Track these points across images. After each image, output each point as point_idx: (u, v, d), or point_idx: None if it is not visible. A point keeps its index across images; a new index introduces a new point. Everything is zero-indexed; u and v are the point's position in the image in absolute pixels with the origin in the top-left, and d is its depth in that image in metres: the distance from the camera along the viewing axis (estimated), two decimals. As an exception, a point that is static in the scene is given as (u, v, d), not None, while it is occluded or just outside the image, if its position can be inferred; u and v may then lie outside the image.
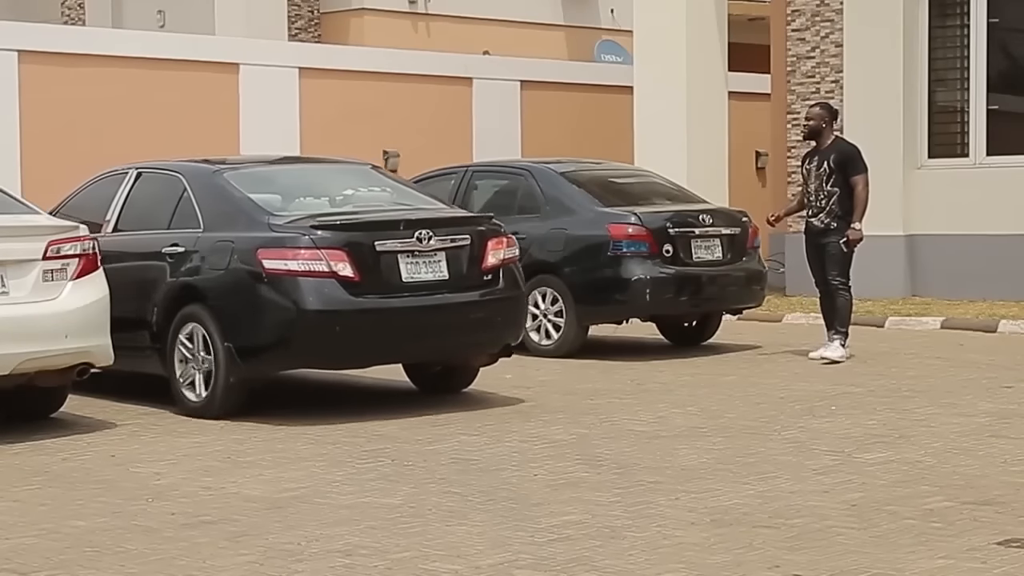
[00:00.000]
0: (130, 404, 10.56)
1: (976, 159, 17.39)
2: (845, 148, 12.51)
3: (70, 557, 6.23)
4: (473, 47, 24.28)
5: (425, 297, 9.69)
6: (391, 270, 9.57)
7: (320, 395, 11.15)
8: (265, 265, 9.39)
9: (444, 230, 9.85)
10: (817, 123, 12.55)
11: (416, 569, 5.94)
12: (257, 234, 9.60)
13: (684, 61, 18.39)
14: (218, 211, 10.04)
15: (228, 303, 9.61)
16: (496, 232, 10.21)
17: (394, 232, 9.66)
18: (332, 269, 9.32)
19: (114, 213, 10.86)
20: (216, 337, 9.56)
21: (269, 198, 10.14)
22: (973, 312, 15.64)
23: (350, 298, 9.38)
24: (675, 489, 7.32)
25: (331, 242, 9.40)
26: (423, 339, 9.78)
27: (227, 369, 9.54)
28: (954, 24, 17.57)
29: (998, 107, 17.33)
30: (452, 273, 9.80)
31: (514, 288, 10.22)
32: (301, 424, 9.43)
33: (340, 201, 10.53)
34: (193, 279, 9.85)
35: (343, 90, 19.89)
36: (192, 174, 10.53)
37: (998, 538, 6.26)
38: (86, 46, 17.90)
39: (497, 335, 10.20)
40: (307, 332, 9.37)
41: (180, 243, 10.02)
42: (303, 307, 9.30)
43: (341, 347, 9.52)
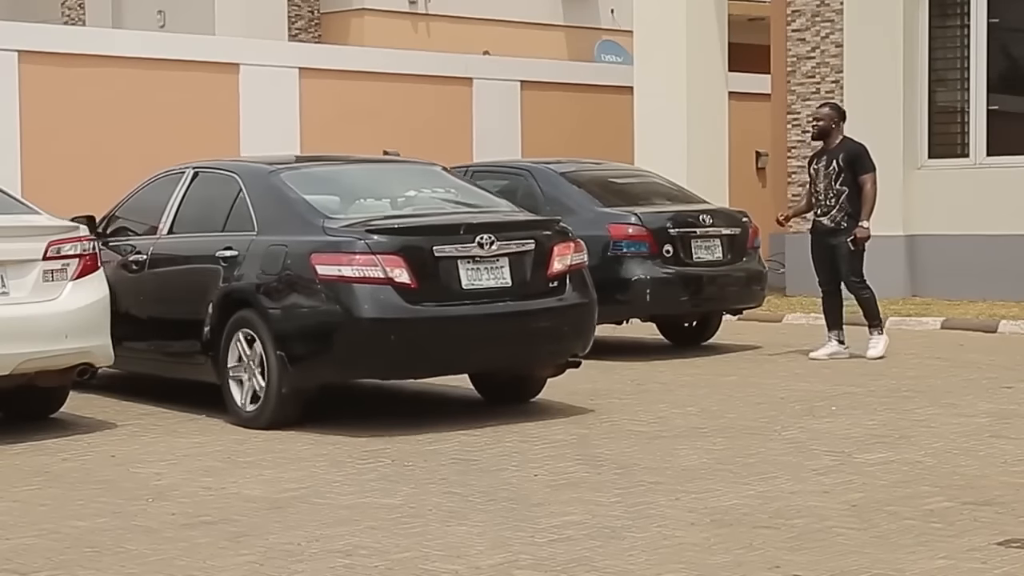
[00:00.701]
0: (130, 404, 10.56)
1: (976, 159, 17.40)
2: (853, 147, 12.53)
3: (70, 557, 6.23)
4: (473, 47, 24.28)
5: (486, 305, 9.21)
6: (450, 277, 9.10)
7: (320, 395, 11.14)
8: (318, 271, 8.99)
9: (507, 234, 9.37)
10: (827, 123, 12.56)
11: (416, 569, 5.94)
12: (311, 238, 9.20)
13: (684, 61, 18.39)
14: (272, 213, 9.65)
15: (280, 310, 9.20)
16: (563, 236, 9.70)
17: (454, 236, 9.18)
18: (388, 275, 8.89)
19: (169, 215, 10.53)
20: (268, 345, 9.18)
21: (326, 200, 9.72)
22: (973, 312, 15.64)
23: (406, 306, 8.92)
24: (675, 489, 7.32)
25: (387, 247, 8.95)
26: (483, 349, 9.34)
27: (279, 379, 9.14)
28: (954, 24, 17.58)
29: (998, 107, 17.34)
30: (515, 280, 9.33)
31: (582, 295, 9.67)
32: (301, 424, 9.42)
33: (402, 203, 10.11)
34: (245, 285, 9.45)
35: (343, 90, 19.89)
36: (248, 174, 10.11)
37: (998, 538, 6.26)
38: (86, 46, 17.90)
39: (564, 345, 9.70)
40: (361, 341, 8.96)
41: (233, 247, 9.62)
42: (357, 315, 8.88)
43: (397, 357, 9.05)
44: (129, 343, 10.31)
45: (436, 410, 10.09)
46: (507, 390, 10.21)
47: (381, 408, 10.32)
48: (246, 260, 9.48)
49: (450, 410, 10.12)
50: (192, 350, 9.85)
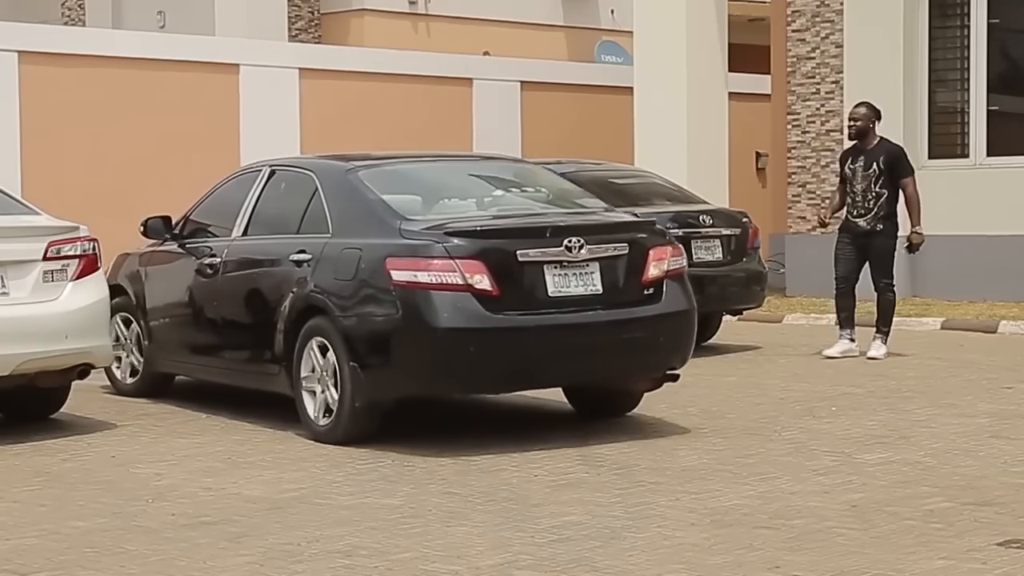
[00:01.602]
0: (130, 404, 10.57)
1: (976, 160, 17.40)
2: (893, 149, 12.52)
3: (70, 558, 6.23)
4: (473, 47, 24.28)
5: (574, 314, 8.56)
6: (536, 283, 8.48)
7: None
8: (393, 276, 8.41)
9: (598, 237, 8.72)
10: (864, 123, 12.54)
11: (416, 570, 5.94)
12: (386, 241, 8.61)
13: (684, 61, 18.38)
14: (348, 214, 9.08)
15: (354, 318, 8.60)
16: (660, 239, 9.04)
17: (539, 240, 8.54)
18: (467, 282, 8.29)
19: (244, 216, 9.99)
20: (341, 356, 8.59)
21: (406, 200, 9.13)
22: (973, 312, 15.64)
23: (487, 315, 8.31)
24: (675, 490, 7.32)
25: (467, 251, 8.35)
26: (571, 362, 8.64)
27: (353, 391, 8.56)
28: (954, 25, 17.58)
29: (998, 108, 17.34)
30: (607, 286, 8.67)
31: (680, 303, 8.99)
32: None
33: (488, 203, 9.44)
34: (318, 291, 8.85)
35: (343, 90, 19.88)
36: (324, 172, 9.53)
37: (998, 539, 6.26)
38: (86, 46, 17.88)
39: (659, 358, 9.01)
40: (438, 353, 8.36)
41: (307, 250, 9.06)
42: (433, 324, 8.28)
43: (477, 370, 8.44)
44: (202, 351, 10.15)
45: (436, 410, 10.09)
46: (601, 404, 9.60)
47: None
48: (320, 264, 8.93)
49: (450, 410, 10.12)
50: (265, 360, 9.37)
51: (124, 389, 10.96)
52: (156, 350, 10.64)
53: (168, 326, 10.54)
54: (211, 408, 10.29)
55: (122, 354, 10.88)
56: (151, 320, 10.69)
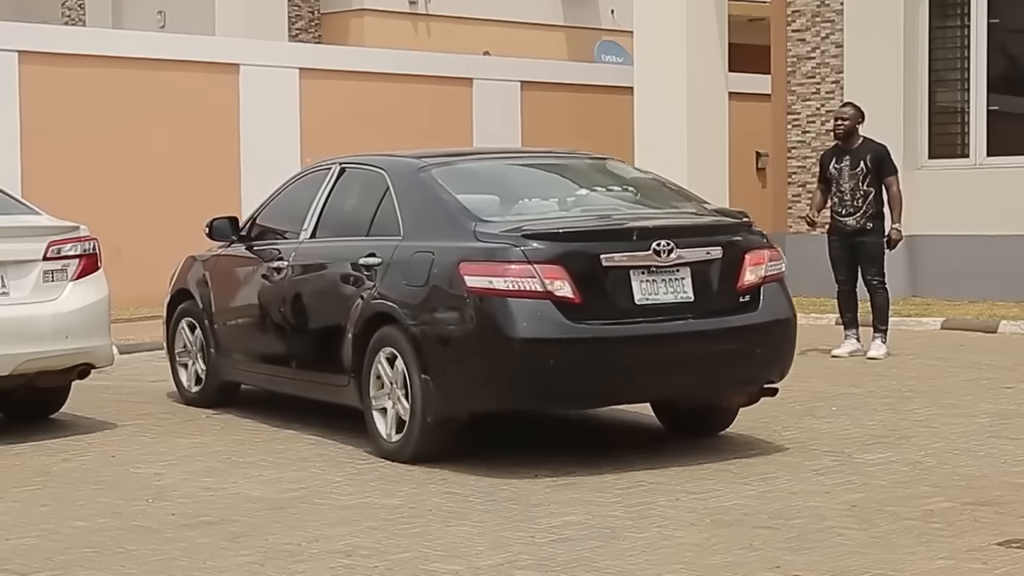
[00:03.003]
0: (130, 404, 10.57)
1: (976, 159, 17.39)
2: (878, 148, 12.66)
3: (70, 558, 6.23)
4: (473, 47, 24.27)
5: (663, 323, 7.94)
6: (621, 290, 7.86)
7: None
8: (467, 282, 7.79)
9: (689, 239, 8.07)
10: (852, 123, 12.70)
11: (416, 569, 5.95)
12: (459, 244, 8.00)
13: (684, 61, 18.37)
14: (421, 215, 8.51)
15: (426, 327, 8.01)
16: (757, 242, 8.41)
17: (625, 242, 7.92)
18: (547, 288, 7.68)
19: (312, 216, 9.44)
20: (413, 367, 8.02)
21: (483, 200, 8.54)
22: (973, 312, 15.64)
23: (569, 324, 7.70)
24: (675, 489, 7.32)
25: (546, 255, 7.74)
26: (660, 376, 8.04)
27: (424, 406, 7.96)
28: (954, 25, 17.57)
29: (998, 107, 17.33)
30: (699, 293, 8.04)
31: (780, 312, 8.36)
32: (301, 425, 9.43)
33: (570, 203, 8.82)
34: (388, 297, 8.28)
35: (343, 90, 19.88)
36: (395, 170, 8.96)
37: (998, 539, 6.26)
38: (86, 46, 17.89)
39: (756, 371, 8.35)
40: (515, 365, 7.74)
41: (377, 253, 8.49)
42: (510, 335, 7.67)
43: (557, 384, 7.77)
44: (268, 360, 9.65)
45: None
46: (693, 422, 8.89)
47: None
48: (390, 269, 8.35)
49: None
50: (333, 371, 8.79)
51: (189, 397, 10.52)
52: (221, 358, 10.14)
53: (234, 333, 10.04)
54: (211, 408, 10.29)
55: (188, 361, 10.49)
56: (217, 326, 10.20)
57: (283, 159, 19.12)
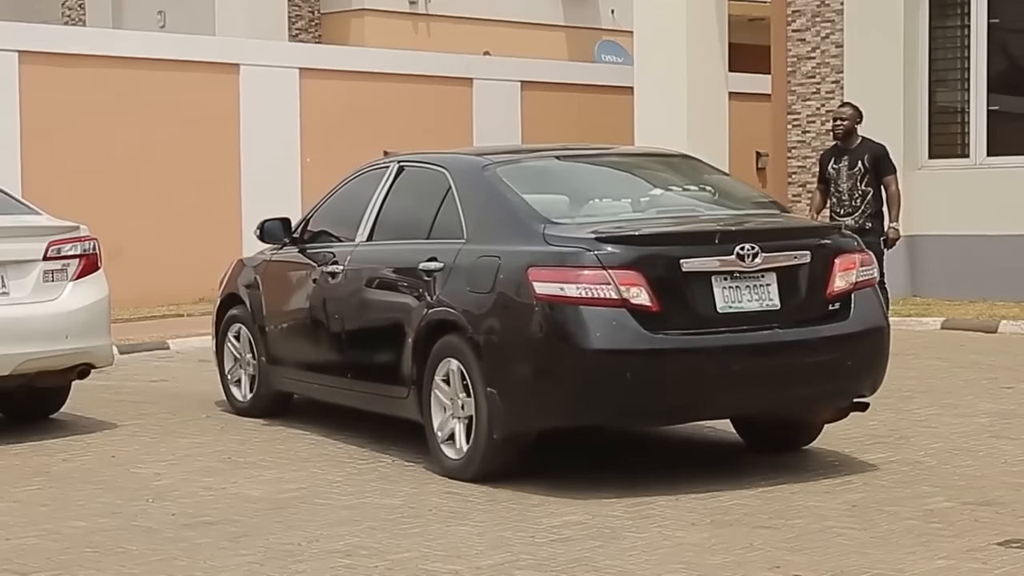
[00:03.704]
0: (130, 404, 10.56)
1: (976, 159, 17.39)
2: (877, 148, 12.71)
3: (70, 558, 6.23)
4: (473, 47, 24.28)
5: (748, 333, 7.40)
6: (702, 297, 7.34)
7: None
8: (536, 289, 7.26)
9: (775, 243, 7.55)
10: (851, 123, 12.78)
11: (416, 569, 5.95)
12: (528, 248, 7.49)
13: (684, 61, 18.37)
14: (485, 217, 7.98)
15: (491, 336, 7.50)
16: (847, 245, 7.86)
17: (707, 246, 7.40)
18: (622, 295, 7.15)
19: (369, 218, 8.90)
20: (477, 379, 7.49)
21: (552, 200, 8.02)
22: (973, 312, 15.64)
23: (646, 334, 7.16)
24: (675, 489, 7.32)
25: (622, 260, 7.21)
26: (744, 390, 7.46)
27: (490, 420, 7.43)
28: (954, 24, 17.57)
29: (998, 107, 17.33)
30: (785, 301, 7.50)
31: (871, 321, 7.78)
32: (302, 425, 9.43)
33: (645, 204, 8.29)
34: (451, 304, 7.77)
35: (343, 90, 19.89)
36: (458, 169, 8.41)
37: (998, 538, 6.26)
38: (86, 46, 17.89)
39: (847, 384, 7.77)
40: (588, 379, 7.18)
41: (439, 257, 7.97)
42: (583, 345, 7.14)
43: (634, 399, 7.25)
44: (323, 369, 9.09)
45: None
46: (776, 437, 8.33)
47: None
48: (453, 273, 7.83)
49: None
50: (392, 382, 8.27)
51: (239, 407, 9.99)
52: (272, 366, 9.63)
53: (286, 340, 9.53)
54: (211, 408, 10.29)
55: (238, 370, 10.02)
56: (267, 333, 9.68)
57: (283, 159, 19.15)
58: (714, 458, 8.18)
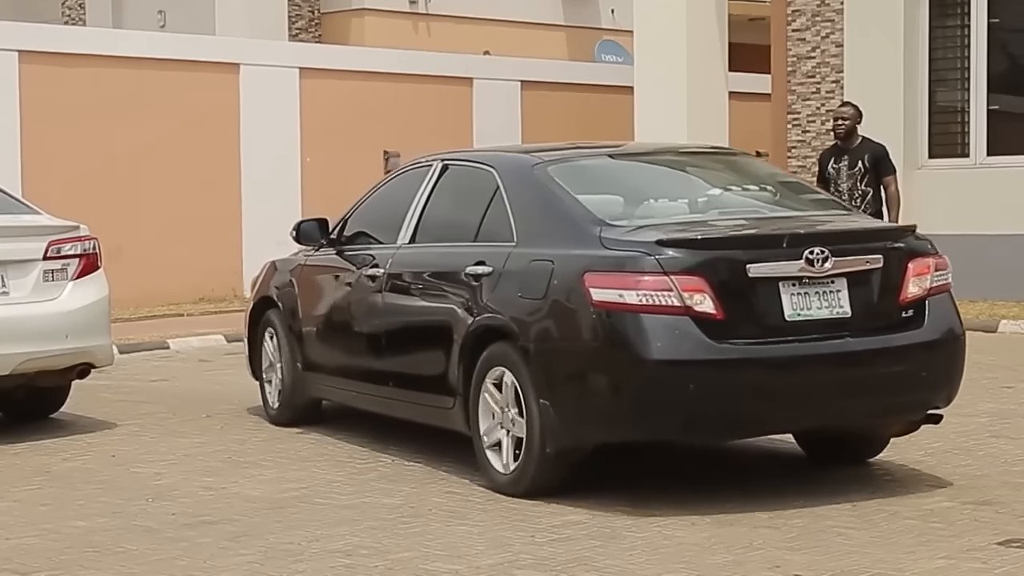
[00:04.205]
0: (130, 404, 10.56)
1: (976, 159, 17.40)
2: (876, 148, 12.75)
3: (70, 557, 6.23)
4: (473, 47, 24.29)
5: (818, 343, 6.99)
6: (769, 304, 6.93)
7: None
8: (593, 295, 6.87)
9: (846, 247, 7.17)
10: (852, 123, 12.84)
11: (416, 569, 5.95)
12: (584, 251, 7.11)
13: (684, 61, 18.38)
14: (536, 218, 7.60)
15: (544, 345, 7.12)
16: (920, 248, 7.45)
17: (774, 250, 6.99)
18: (685, 302, 6.75)
19: (412, 219, 8.52)
20: (529, 390, 7.11)
21: (607, 201, 7.62)
22: (973, 312, 15.62)
23: (711, 343, 6.77)
24: (675, 489, 7.32)
25: (685, 264, 6.81)
26: (814, 402, 7.06)
27: (543, 434, 7.05)
28: (954, 24, 17.57)
29: (998, 107, 17.33)
30: (856, 308, 7.09)
31: (946, 329, 7.37)
32: (302, 424, 9.42)
33: (703, 204, 7.90)
34: (500, 311, 7.40)
35: (343, 90, 19.90)
36: (506, 168, 8.01)
37: (998, 538, 6.26)
38: (86, 46, 17.90)
39: (920, 396, 7.35)
40: (649, 391, 6.80)
41: (487, 261, 7.60)
42: (643, 356, 6.75)
43: (697, 413, 6.85)
44: (362, 376, 8.71)
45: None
46: (841, 450, 7.94)
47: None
48: (502, 279, 7.46)
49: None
50: (436, 391, 7.90)
51: (273, 415, 9.61)
52: (309, 373, 9.25)
53: (322, 346, 9.15)
54: (211, 408, 10.30)
55: (273, 377, 9.62)
56: (303, 339, 9.28)
57: (283, 159, 19.16)
58: (714, 458, 8.18)
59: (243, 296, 17.98)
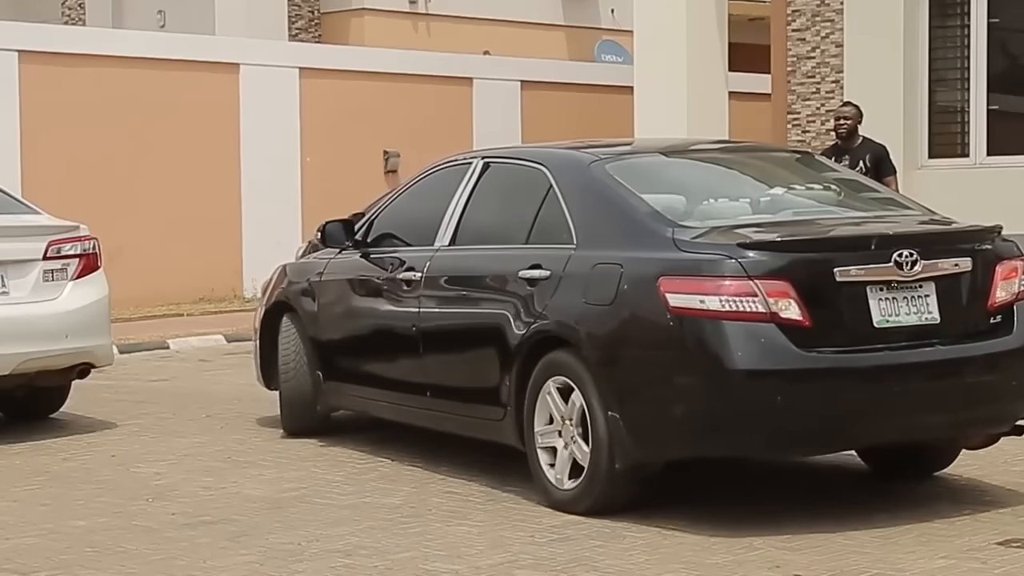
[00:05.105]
0: (130, 404, 10.56)
1: (976, 159, 17.39)
2: (877, 148, 12.77)
3: (70, 557, 6.24)
4: (473, 47, 24.28)
5: (907, 351, 6.63)
6: (857, 310, 6.55)
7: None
8: (670, 301, 6.48)
9: (934, 249, 6.81)
10: (854, 122, 12.86)
11: (416, 569, 5.95)
12: (658, 254, 6.70)
13: (684, 61, 18.37)
14: (599, 219, 7.18)
15: (613, 354, 6.75)
16: (1007, 251, 7.08)
17: (861, 253, 6.61)
18: (771, 309, 6.37)
19: (451, 220, 8.05)
20: (595, 402, 6.72)
21: (668, 200, 7.21)
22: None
23: (798, 352, 6.38)
24: (675, 489, 7.31)
25: (769, 268, 6.43)
26: (905, 414, 6.65)
27: (611, 449, 6.67)
28: (954, 24, 17.57)
29: (998, 107, 17.33)
30: (945, 314, 6.71)
31: None
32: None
33: (764, 204, 7.43)
34: (561, 317, 6.99)
35: (343, 90, 19.89)
36: (560, 166, 7.59)
37: (998, 538, 6.27)
38: (86, 46, 17.89)
39: (1009, 406, 6.93)
40: (734, 403, 6.41)
41: (543, 264, 7.18)
42: (728, 366, 6.36)
43: (784, 426, 6.44)
44: (395, 387, 8.26)
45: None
46: (907, 463, 7.55)
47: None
48: (562, 283, 7.03)
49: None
50: (485, 402, 7.50)
51: (293, 428, 9.08)
52: (331, 382, 8.78)
53: (348, 354, 8.69)
54: (211, 408, 10.30)
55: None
56: (326, 347, 8.79)
57: (283, 159, 19.15)
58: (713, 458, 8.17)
59: (243, 296, 18.00)
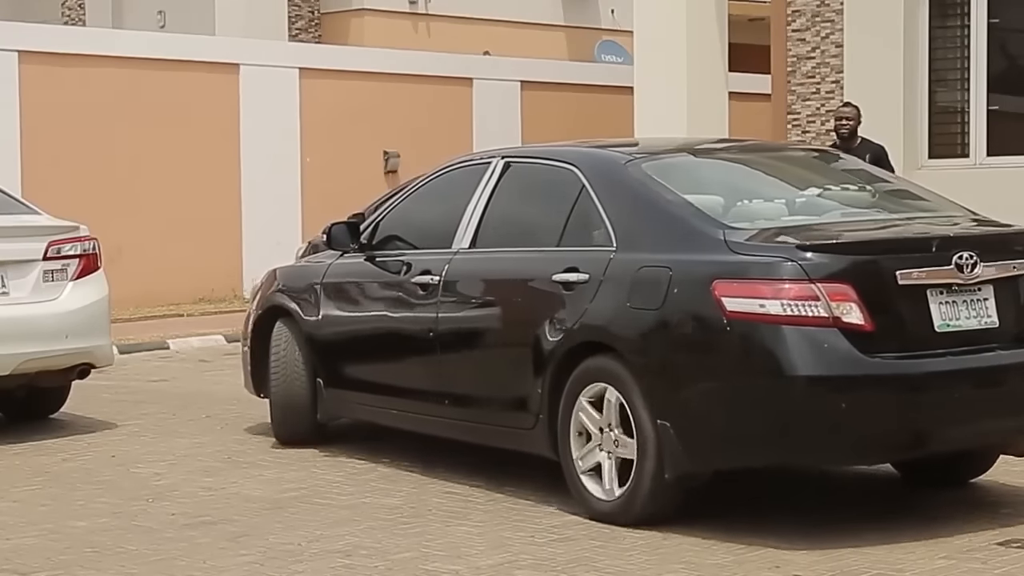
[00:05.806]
0: (130, 404, 10.56)
1: (976, 159, 17.39)
2: (876, 149, 12.81)
3: (70, 557, 6.24)
4: (473, 47, 24.29)
5: (969, 356, 6.44)
6: (918, 314, 6.37)
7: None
8: (726, 305, 6.27)
9: (992, 251, 6.66)
10: (855, 123, 12.89)
11: (416, 569, 5.95)
12: (710, 257, 6.47)
13: (684, 61, 18.36)
14: (640, 220, 6.93)
15: (663, 359, 6.51)
16: None
17: (922, 255, 6.43)
18: (832, 313, 6.16)
19: (471, 221, 7.75)
20: (642, 410, 6.49)
21: (709, 201, 6.93)
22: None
23: (861, 358, 6.18)
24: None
25: (831, 271, 6.23)
26: (967, 420, 6.47)
27: (659, 458, 6.44)
28: (954, 24, 17.57)
29: (998, 107, 17.33)
30: (1004, 317, 6.57)
31: None
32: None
33: (801, 205, 7.19)
34: (603, 321, 6.76)
35: (343, 90, 19.89)
36: (593, 166, 7.31)
37: (998, 538, 6.27)
38: (86, 46, 17.90)
39: None
40: (796, 410, 6.18)
41: (580, 267, 6.94)
42: (789, 372, 6.14)
43: (847, 434, 6.21)
44: (411, 395, 7.97)
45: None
46: (946, 470, 7.32)
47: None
48: (603, 287, 6.78)
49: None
50: (514, 410, 7.25)
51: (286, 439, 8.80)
52: (333, 389, 8.49)
53: (355, 361, 8.42)
54: (211, 409, 10.30)
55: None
56: (329, 353, 8.48)
57: (283, 159, 19.15)
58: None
59: (243, 296, 17.98)
